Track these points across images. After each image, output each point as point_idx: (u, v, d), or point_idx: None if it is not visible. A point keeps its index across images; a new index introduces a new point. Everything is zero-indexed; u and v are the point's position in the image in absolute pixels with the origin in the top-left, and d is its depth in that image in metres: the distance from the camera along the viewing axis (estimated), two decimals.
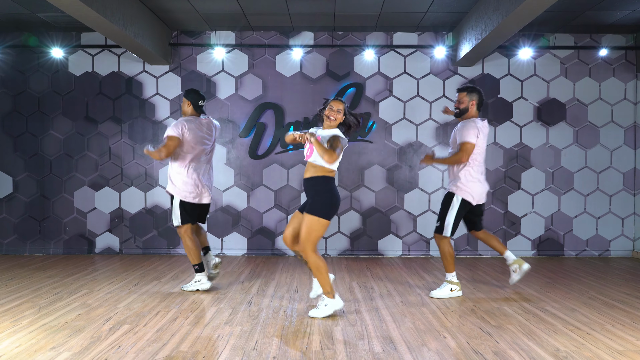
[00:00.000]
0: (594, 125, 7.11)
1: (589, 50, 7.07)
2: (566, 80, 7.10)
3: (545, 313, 4.22)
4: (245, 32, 7.09)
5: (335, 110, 4.18)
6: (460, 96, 4.80)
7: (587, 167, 7.12)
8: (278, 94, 7.07)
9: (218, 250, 7.12)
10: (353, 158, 7.08)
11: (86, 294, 4.80)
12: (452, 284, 4.78)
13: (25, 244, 7.16)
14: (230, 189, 7.13)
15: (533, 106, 7.10)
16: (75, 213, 7.15)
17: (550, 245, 7.13)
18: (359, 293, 4.94)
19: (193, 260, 4.91)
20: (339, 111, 4.19)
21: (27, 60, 7.10)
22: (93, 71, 7.11)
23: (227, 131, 7.09)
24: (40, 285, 5.19)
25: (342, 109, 4.20)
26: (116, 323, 3.89)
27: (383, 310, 4.29)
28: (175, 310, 4.26)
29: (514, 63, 7.09)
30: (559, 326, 3.86)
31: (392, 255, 7.10)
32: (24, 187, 7.15)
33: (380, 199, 7.12)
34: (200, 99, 5.07)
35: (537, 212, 7.12)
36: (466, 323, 3.93)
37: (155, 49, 6.48)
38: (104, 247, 7.15)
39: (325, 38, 7.11)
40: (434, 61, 7.10)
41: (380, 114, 7.08)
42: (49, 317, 4.04)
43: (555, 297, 4.79)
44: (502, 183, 7.10)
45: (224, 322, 3.93)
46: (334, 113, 4.18)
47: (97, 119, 7.11)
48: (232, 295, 4.81)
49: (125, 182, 7.13)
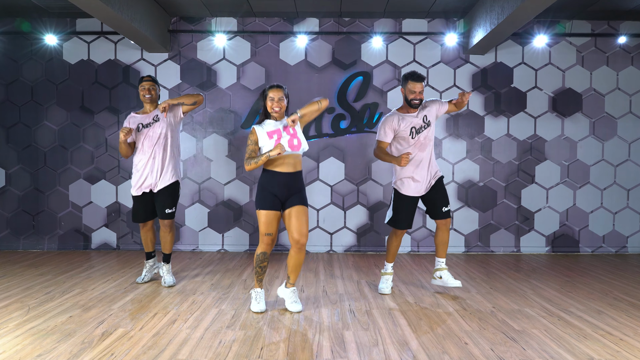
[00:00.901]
0: (611, 117, 6.81)
1: (606, 38, 6.75)
2: (582, 69, 6.79)
3: (571, 315, 3.94)
4: (248, 18, 6.78)
5: (277, 99, 3.94)
6: (421, 87, 4.42)
7: (604, 160, 6.82)
8: (282, 83, 6.71)
9: (219, 246, 6.84)
10: (360, 150, 6.78)
11: (79, 294, 4.52)
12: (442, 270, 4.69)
13: (18, 239, 6.88)
14: (232, 182, 6.83)
15: (548, 96, 6.80)
16: (70, 207, 6.86)
17: (565, 242, 6.84)
18: (369, 293, 4.65)
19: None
20: (282, 99, 3.95)
21: (20, 48, 6.79)
22: (89, 59, 6.81)
23: (229, 122, 6.79)
24: (31, 283, 4.91)
25: (284, 94, 3.96)
26: (110, 326, 3.61)
27: (396, 313, 4.01)
28: (173, 312, 3.98)
29: (528, 51, 6.78)
30: (588, 331, 3.57)
31: (401, 251, 6.80)
32: (17, 180, 6.86)
33: (388, 193, 6.82)
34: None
35: (552, 207, 6.83)
36: (487, 327, 3.65)
37: (153, 36, 6.17)
38: (100, 242, 6.87)
39: (331, 25, 6.80)
40: (444, 49, 6.79)
41: (389, 104, 6.77)
42: (38, 319, 3.76)
43: (577, 297, 4.51)
44: (516, 177, 6.81)
45: (226, 326, 3.65)
46: (277, 103, 3.94)
47: (93, 109, 6.80)
48: (234, 295, 4.52)
49: (123, 174, 6.83)
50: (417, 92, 4.39)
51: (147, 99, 4.75)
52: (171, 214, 4.81)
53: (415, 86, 4.38)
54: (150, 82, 4.75)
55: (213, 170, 6.83)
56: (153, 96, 4.76)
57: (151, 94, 4.74)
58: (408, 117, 4.47)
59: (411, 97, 4.40)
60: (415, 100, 4.40)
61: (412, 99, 4.40)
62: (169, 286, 4.77)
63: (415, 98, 4.39)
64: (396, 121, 4.45)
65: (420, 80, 4.39)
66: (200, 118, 6.79)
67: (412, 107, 4.44)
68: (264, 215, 3.93)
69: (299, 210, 3.91)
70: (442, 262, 4.64)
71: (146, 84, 4.73)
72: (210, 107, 6.79)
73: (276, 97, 3.93)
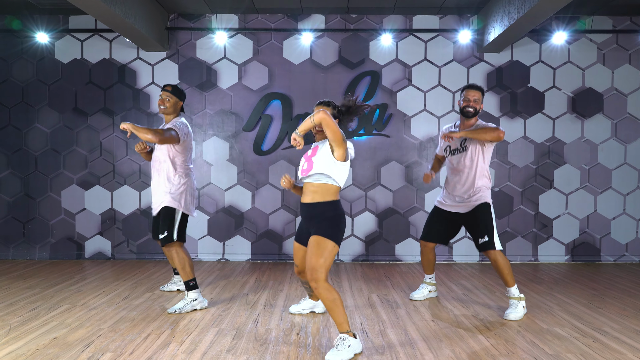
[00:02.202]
0: (634, 118, 6.45)
1: (629, 35, 6.40)
2: (604, 67, 6.44)
3: (606, 336, 3.57)
4: (250, 15, 6.44)
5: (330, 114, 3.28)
6: (478, 95, 4.18)
7: (627, 163, 6.47)
8: (285, 83, 6.42)
9: (220, 255, 6.49)
10: (368, 154, 6.43)
11: (67, 310, 4.16)
12: (520, 299, 4.09)
13: (8, 248, 6.53)
14: (233, 187, 6.48)
15: (567, 96, 6.45)
16: (62, 214, 6.51)
17: (585, 250, 6.48)
18: (381, 309, 4.29)
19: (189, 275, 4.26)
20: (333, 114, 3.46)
21: (10, 46, 6.46)
22: (82, 58, 6.48)
23: (230, 124, 6.45)
24: (17, 298, 4.56)
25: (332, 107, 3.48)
26: (97, 350, 3.24)
27: (414, 334, 3.63)
28: (168, 333, 3.62)
29: (546, 49, 6.43)
30: (630, 355, 3.20)
31: (412, 261, 6.45)
32: (7, 185, 6.52)
33: (398, 199, 6.47)
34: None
35: (572, 213, 6.46)
36: (516, 351, 3.27)
37: (150, 33, 5.83)
38: (94, 251, 6.52)
39: (338, 21, 6.45)
40: (457, 47, 6.44)
41: (398, 105, 6.43)
42: (19, 341, 3.40)
43: (609, 314, 4.14)
44: (533, 181, 6.44)
45: (226, 350, 3.28)
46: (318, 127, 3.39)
47: (87, 111, 6.47)
48: (235, 312, 4.16)
49: (118, 180, 6.49)
50: (471, 100, 4.15)
51: (162, 110, 4.30)
52: (163, 239, 4.23)
53: (469, 93, 4.17)
54: (166, 93, 4.28)
55: (213, 175, 6.48)
56: (167, 108, 4.27)
57: (165, 106, 4.27)
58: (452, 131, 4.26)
59: (464, 104, 4.17)
60: (468, 109, 4.15)
61: (464, 107, 4.17)
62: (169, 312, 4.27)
63: (467, 106, 4.15)
64: (444, 130, 4.34)
65: (475, 88, 4.19)
66: (200, 120, 6.45)
67: (465, 116, 4.19)
68: (294, 244, 3.73)
69: (310, 241, 3.29)
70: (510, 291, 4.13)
71: (162, 93, 4.28)
72: (210, 108, 6.45)
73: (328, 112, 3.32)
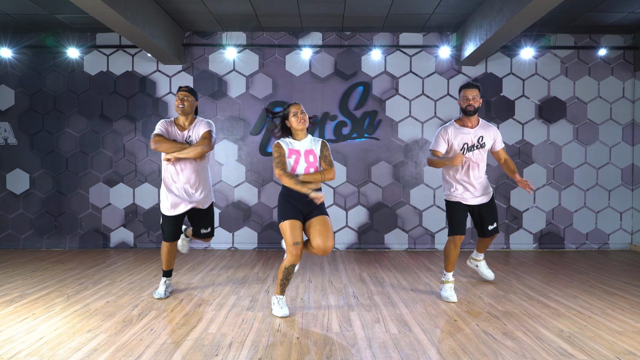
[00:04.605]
0: (593, 123, 7.35)
1: (588, 50, 7.30)
2: (566, 79, 7.34)
3: (549, 300, 4.46)
4: (256, 33, 7.31)
5: (301, 112, 3.91)
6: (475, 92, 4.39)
7: (587, 163, 7.36)
8: (287, 92, 7.30)
9: (229, 244, 7.35)
10: (360, 154, 7.30)
11: (109, 284, 5.02)
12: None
13: (42, 238, 7.37)
14: (242, 184, 7.35)
15: (534, 104, 7.34)
16: (90, 209, 7.36)
17: (551, 239, 7.37)
18: (370, 283, 5.17)
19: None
20: (303, 111, 3.94)
21: (44, 60, 7.31)
22: (108, 70, 7.33)
23: (239, 129, 7.31)
24: (63, 276, 5.40)
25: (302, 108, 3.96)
26: (144, 309, 4.11)
27: (395, 297, 4.53)
28: (198, 298, 4.49)
29: (516, 62, 7.33)
30: (562, 310, 4.10)
31: (399, 248, 7.33)
32: (41, 183, 7.36)
33: (386, 194, 7.35)
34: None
35: (539, 206, 7.36)
36: (474, 308, 4.16)
37: (170, 49, 6.69)
38: (118, 241, 7.37)
39: (334, 38, 7.33)
40: (438, 61, 7.33)
41: (387, 112, 7.31)
42: (79, 304, 4.26)
43: (557, 286, 5.03)
44: (505, 179, 7.33)
45: (246, 308, 4.16)
46: (301, 115, 3.91)
47: (112, 117, 7.32)
48: (249, 285, 5.04)
49: (139, 178, 7.34)
50: (471, 98, 4.34)
51: (180, 109, 4.40)
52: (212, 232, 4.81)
53: (467, 91, 4.35)
54: (185, 92, 4.43)
55: (224, 174, 7.34)
56: (185, 107, 4.40)
57: (184, 105, 4.39)
58: (464, 131, 4.44)
59: (465, 104, 4.35)
60: (470, 107, 4.34)
61: (466, 106, 4.35)
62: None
63: (469, 104, 4.34)
64: (451, 132, 4.44)
65: (472, 86, 4.36)
66: None
67: (467, 114, 4.38)
68: (288, 224, 3.82)
69: (321, 219, 3.88)
70: (482, 256, 5.21)
71: (180, 93, 4.42)
72: (221, 115, 7.31)
73: (299, 110, 3.90)
